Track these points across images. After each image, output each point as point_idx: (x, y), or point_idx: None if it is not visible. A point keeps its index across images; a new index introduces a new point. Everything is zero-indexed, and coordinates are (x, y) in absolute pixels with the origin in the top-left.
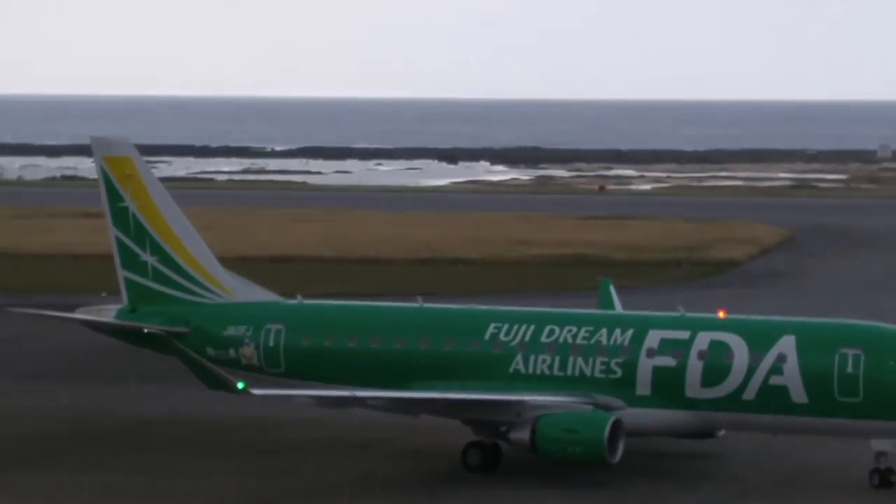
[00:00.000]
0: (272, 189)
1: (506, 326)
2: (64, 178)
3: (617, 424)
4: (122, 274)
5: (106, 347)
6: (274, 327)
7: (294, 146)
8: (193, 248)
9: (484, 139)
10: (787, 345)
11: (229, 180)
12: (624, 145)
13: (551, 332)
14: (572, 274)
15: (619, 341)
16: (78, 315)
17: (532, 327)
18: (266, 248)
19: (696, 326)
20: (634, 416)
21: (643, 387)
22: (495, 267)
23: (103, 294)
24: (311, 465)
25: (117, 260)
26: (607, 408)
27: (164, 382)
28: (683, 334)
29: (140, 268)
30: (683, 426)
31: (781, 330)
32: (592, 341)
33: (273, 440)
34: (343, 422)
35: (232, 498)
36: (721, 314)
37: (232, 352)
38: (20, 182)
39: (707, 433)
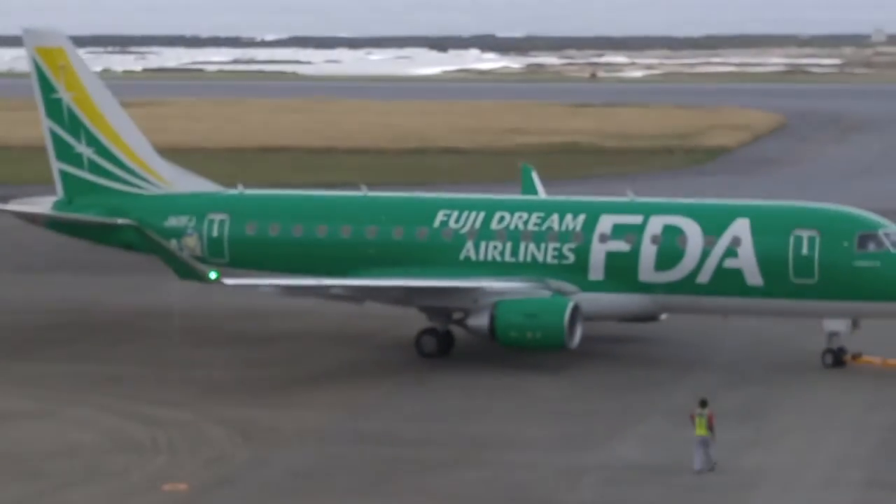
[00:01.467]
0: (262, 79)
1: (455, 213)
2: None
3: (576, 309)
4: (56, 166)
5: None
6: (217, 217)
7: (283, 35)
8: (130, 138)
9: (474, 26)
10: (742, 228)
11: (219, 70)
12: (615, 31)
13: (502, 219)
14: (564, 162)
15: (571, 227)
16: (12, 207)
17: (482, 214)
18: (256, 139)
19: (648, 211)
20: (589, 300)
21: (596, 271)
22: (487, 156)
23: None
24: (299, 354)
25: (51, 152)
26: (562, 293)
27: (151, 273)
28: (636, 219)
29: (75, 159)
30: (637, 310)
31: (735, 213)
32: (544, 227)
33: (261, 331)
34: (321, 313)
35: (226, 386)
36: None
37: (174, 242)
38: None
39: (651, 317)
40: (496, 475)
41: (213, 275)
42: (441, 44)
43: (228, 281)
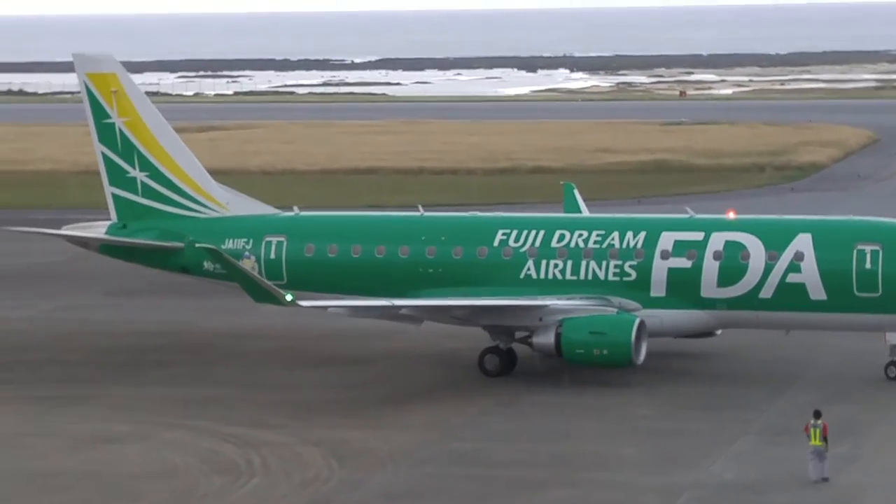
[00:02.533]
0: (352, 101)
1: (514, 233)
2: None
3: (641, 326)
4: (109, 191)
5: None
6: (275, 239)
7: (372, 58)
8: (184, 162)
9: (563, 47)
10: (804, 243)
11: (310, 93)
12: (704, 50)
13: (562, 237)
14: (654, 181)
15: (632, 244)
16: (67, 232)
17: (542, 232)
18: (346, 160)
19: (710, 228)
20: (651, 317)
21: (658, 288)
22: (577, 175)
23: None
24: (389, 374)
25: (105, 177)
26: (624, 310)
27: (242, 296)
28: (697, 235)
29: (129, 184)
30: (699, 326)
31: (798, 228)
32: (605, 245)
33: (350, 352)
34: (409, 334)
35: (319, 407)
36: (731, 214)
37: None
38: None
39: (708, 333)
40: (589, 495)
41: (289, 297)
42: (530, 63)
43: (304, 303)
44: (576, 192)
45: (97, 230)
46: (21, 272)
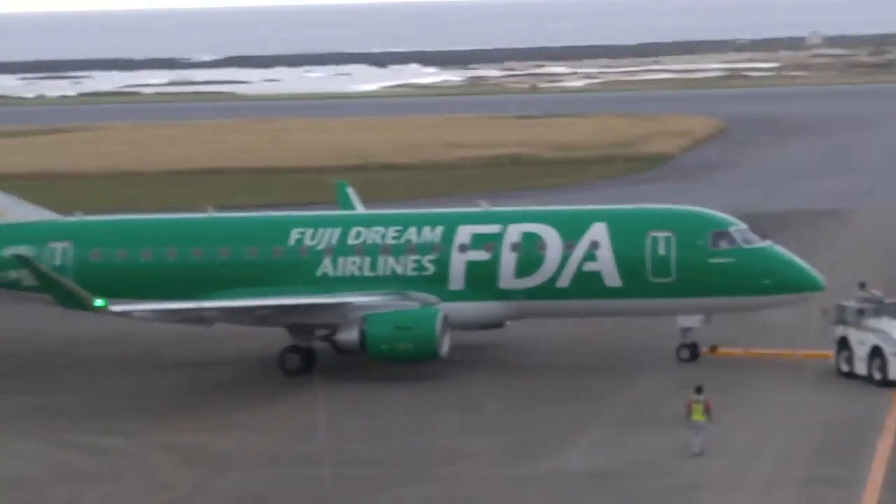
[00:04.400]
0: (200, 100)
1: (310, 231)
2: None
3: (445, 319)
4: None
5: None
6: (60, 245)
7: (219, 56)
8: None
9: (413, 42)
10: (599, 232)
11: (156, 93)
12: (555, 42)
13: (358, 234)
14: (506, 175)
15: (429, 239)
16: None
17: (338, 230)
18: (196, 160)
19: (506, 220)
20: (451, 309)
21: (457, 281)
22: (429, 171)
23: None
24: (237, 377)
25: None
26: (425, 304)
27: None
28: (494, 228)
29: None
30: (499, 316)
31: (592, 218)
32: (402, 240)
33: (195, 356)
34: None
35: (167, 412)
36: None
37: (12, 273)
38: None
39: (498, 324)
40: (445, 490)
41: (98, 302)
42: (379, 59)
43: (114, 308)
44: (349, 189)
45: None
46: None
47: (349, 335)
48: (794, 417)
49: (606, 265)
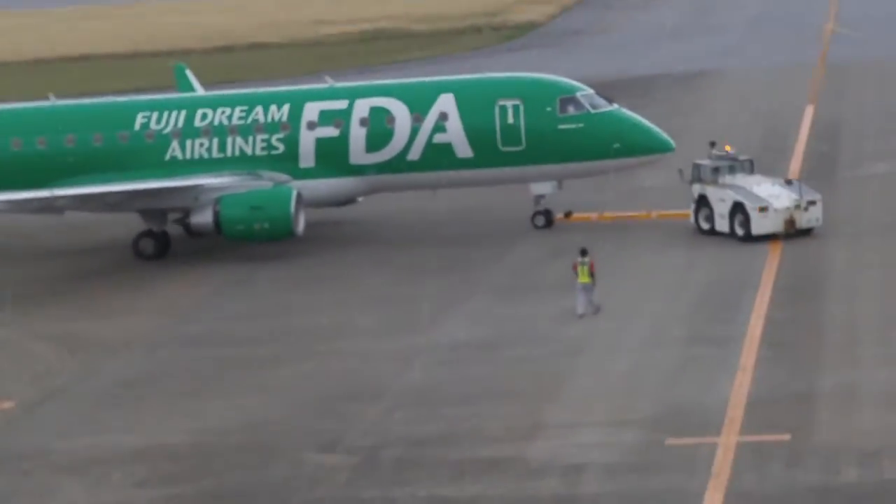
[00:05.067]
0: None
1: (155, 115)
2: None
3: (299, 197)
4: None
5: None
6: None
7: None
8: None
9: None
10: (447, 103)
11: None
12: None
13: (205, 116)
14: (372, 49)
15: (277, 117)
16: None
17: (183, 113)
18: (58, 49)
19: (353, 95)
20: (304, 187)
21: (307, 159)
22: (295, 49)
23: None
24: (118, 262)
25: None
26: (277, 183)
27: None
28: (342, 104)
29: None
30: (351, 192)
31: (440, 89)
32: (250, 120)
33: (72, 244)
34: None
35: (46, 300)
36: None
37: None
38: None
39: (350, 200)
40: (327, 365)
41: None
42: None
43: None
44: (188, 72)
45: None
46: None
47: (203, 217)
48: (670, 277)
49: (456, 136)
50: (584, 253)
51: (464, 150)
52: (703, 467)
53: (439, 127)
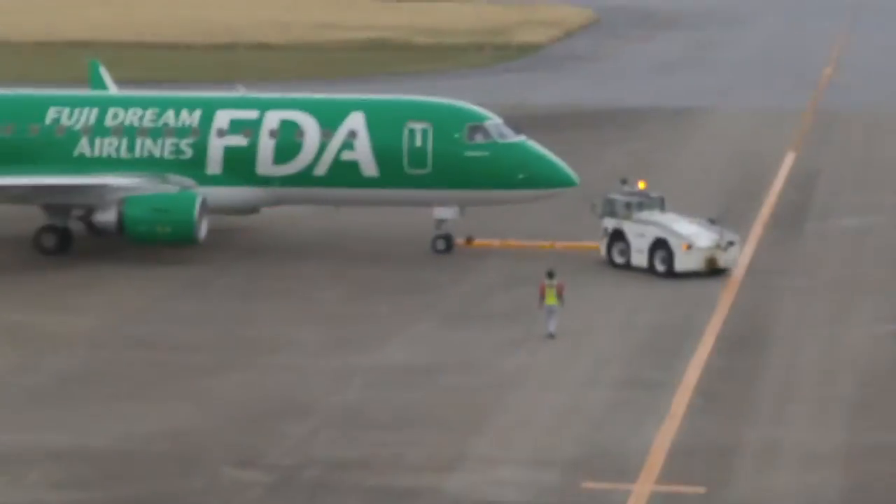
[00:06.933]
0: None
1: (67, 110)
2: None
3: (203, 203)
4: None
5: None
6: None
7: None
8: None
9: None
10: (357, 121)
11: None
12: None
13: (116, 115)
14: (375, 59)
15: (188, 122)
16: None
17: (95, 111)
18: (64, 33)
19: (265, 106)
20: (209, 194)
21: (214, 166)
22: (297, 52)
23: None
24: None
25: None
26: (183, 187)
27: None
28: (252, 114)
29: None
30: (255, 202)
31: (351, 107)
32: (160, 123)
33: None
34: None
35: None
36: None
37: None
38: None
39: (254, 209)
40: (263, 379)
41: None
42: None
43: None
44: (101, 69)
45: None
46: None
47: (107, 216)
48: (616, 315)
49: (364, 155)
50: (550, 275)
51: (370, 168)
52: None
53: (347, 144)
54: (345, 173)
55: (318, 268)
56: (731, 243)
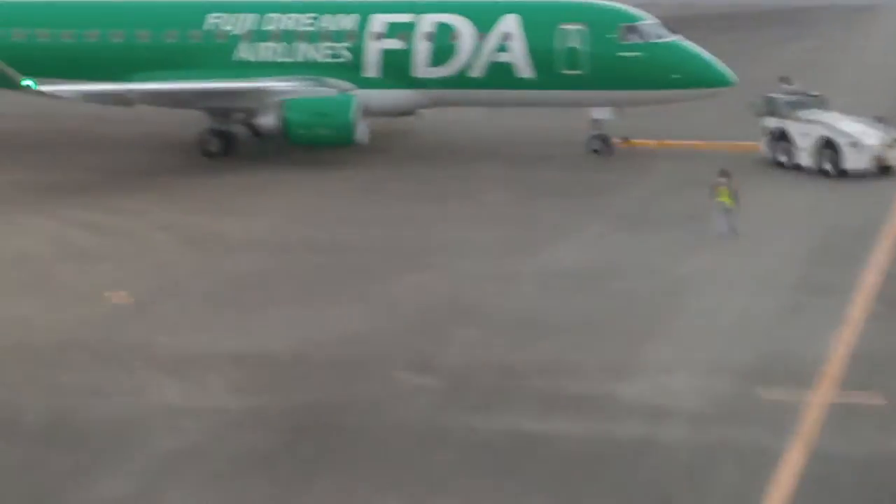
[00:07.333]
0: None
1: (226, 17)
2: None
3: (360, 106)
4: None
5: None
6: None
7: None
8: None
9: None
10: (512, 23)
11: None
12: None
13: (274, 20)
14: None
15: (344, 26)
16: None
17: (253, 16)
18: None
19: (420, 10)
20: (366, 97)
21: (371, 69)
22: None
23: None
24: (252, 160)
25: None
26: (341, 90)
27: None
28: (408, 18)
29: None
30: (412, 104)
31: (505, 9)
32: (317, 27)
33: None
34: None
35: (176, 193)
36: None
37: None
38: None
39: (410, 112)
40: (436, 283)
41: (27, 81)
42: None
43: (45, 88)
44: None
45: None
46: None
47: (268, 120)
48: (792, 216)
49: (518, 57)
50: (725, 174)
51: (525, 70)
52: (789, 424)
53: (502, 47)
54: (500, 75)
55: (482, 170)
56: None
